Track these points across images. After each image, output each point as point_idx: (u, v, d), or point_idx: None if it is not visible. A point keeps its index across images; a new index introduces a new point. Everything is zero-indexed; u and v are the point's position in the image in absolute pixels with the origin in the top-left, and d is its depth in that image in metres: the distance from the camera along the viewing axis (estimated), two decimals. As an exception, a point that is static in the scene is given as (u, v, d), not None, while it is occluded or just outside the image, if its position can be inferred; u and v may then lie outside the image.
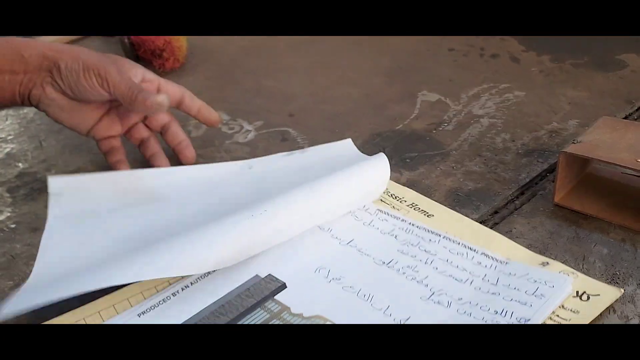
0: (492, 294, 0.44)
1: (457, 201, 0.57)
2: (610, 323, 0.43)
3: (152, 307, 0.45)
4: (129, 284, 0.46)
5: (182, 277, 0.47)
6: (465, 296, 0.45)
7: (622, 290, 0.44)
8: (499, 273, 0.46)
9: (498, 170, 0.62)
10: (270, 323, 0.43)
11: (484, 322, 0.42)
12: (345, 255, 0.50)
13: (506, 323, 0.41)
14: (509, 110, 0.73)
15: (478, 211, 0.56)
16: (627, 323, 0.42)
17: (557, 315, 0.42)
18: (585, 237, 0.52)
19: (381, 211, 0.55)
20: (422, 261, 0.49)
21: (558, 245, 0.51)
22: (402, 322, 0.43)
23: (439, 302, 0.44)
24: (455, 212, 0.55)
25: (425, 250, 0.50)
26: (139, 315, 0.44)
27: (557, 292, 0.44)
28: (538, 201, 0.57)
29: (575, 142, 0.55)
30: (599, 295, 0.44)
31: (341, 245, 0.51)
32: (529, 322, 0.41)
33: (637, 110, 0.73)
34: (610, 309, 0.44)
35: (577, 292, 0.44)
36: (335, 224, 0.53)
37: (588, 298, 0.44)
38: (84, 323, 0.43)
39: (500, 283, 0.45)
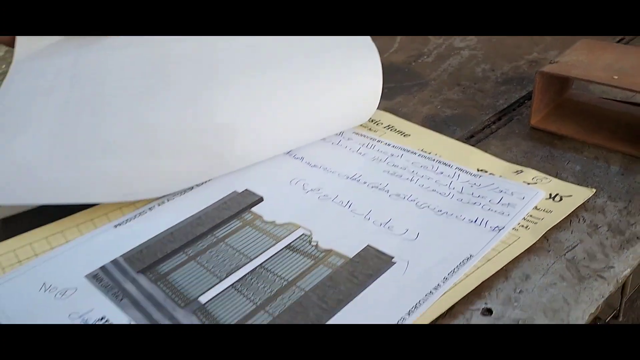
0: (467, 203, 0.45)
1: (434, 127, 0.58)
2: (580, 230, 0.44)
3: (129, 220, 0.46)
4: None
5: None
6: (442, 206, 0.45)
7: (594, 190, 0.45)
8: (474, 186, 0.47)
9: (476, 98, 0.62)
10: (241, 230, 0.44)
11: (459, 230, 0.43)
12: (319, 172, 0.51)
13: (480, 232, 0.42)
14: (490, 43, 0.73)
15: (454, 135, 0.56)
16: (596, 231, 0.43)
17: (531, 216, 0.43)
18: (559, 155, 0.53)
19: (356, 133, 0.56)
20: (396, 175, 0.49)
21: (531, 164, 0.52)
22: (382, 225, 0.44)
23: (417, 207, 0.45)
24: (431, 131, 0.55)
25: (395, 165, 0.50)
26: (115, 226, 0.45)
27: (529, 201, 0.44)
28: (514, 125, 0.58)
29: (552, 62, 0.55)
30: (571, 196, 0.45)
31: (312, 167, 0.52)
32: (501, 231, 0.42)
33: (619, 41, 0.73)
34: (581, 218, 0.45)
35: (550, 194, 0.45)
36: (305, 151, 0.54)
37: (561, 199, 0.45)
38: (63, 237, 0.44)
39: (475, 195, 0.46)
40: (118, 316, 0.37)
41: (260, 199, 0.48)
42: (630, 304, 0.56)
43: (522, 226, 0.42)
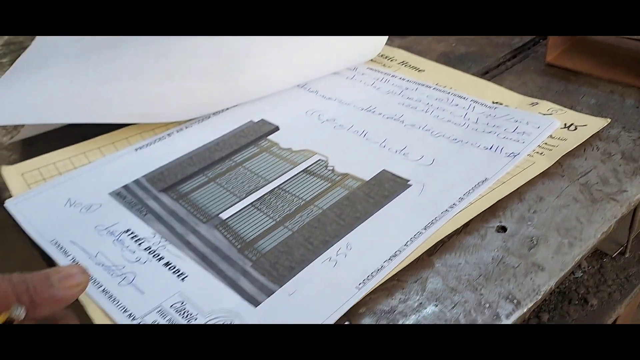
0: (482, 132, 0.46)
1: (448, 63, 0.58)
2: (594, 157, 0.44)
3: (149, 144, 0.46)
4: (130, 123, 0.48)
5: (178, 122, 0.49)
6: (457, 135, 0.46)
7: (609, 120, 0.46)
8: (489, 117, 0.48)
9: (491, 36, 0.62)
10: (259, 156, 0.45)
11: (474, 156, 0.43)
12: (334, 104, 0.51)
13: (496, 157, 0.43)
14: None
15: (469, 71, 0.56)
16: (610, 159, 0.44)
17: (545, 143, 0.44)
18: (574, 90, 0.53)
19: (370, 69, 0.56)
20: (411, 107, 0.50)
21: (546, 98, 0.52)
22: (398, 152, 0.44)
23: (432, 136, 0.46)
24: (445, 66, 0.56)
25: (409, 98, 0.51)
26: (136, 149, 0.46)
27: (544, 129, 0.45)
28: (530, 62, 0.58)
29: (569, -2, 0.55)
30: (586, 125, 0.45)
31: (326, 99, 0.52)
32: (517, 157, 0.42)
33: None
34: (595, 147, 0.45)
35: (565, 124, 0.45)
36: (319, 84, 0.54)
37: (576, 128, 0.45)
38: (85, 158, 0.45)
39: (490, 125, 0.46)
40: (143, 229, 0.38)
41: (276, 128, 0.48)
42: (638, 241, 0.57)
43: (537, 152, 0.43)
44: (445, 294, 0.35)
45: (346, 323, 0.32)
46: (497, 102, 0.50)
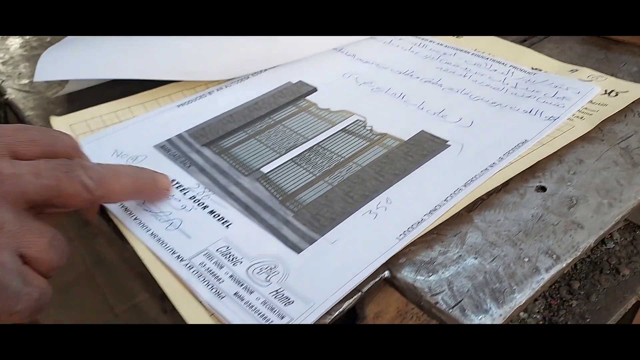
0: (521, 96, 0.46)
1: (487, 30, 0.58)
2: (635, 122, 0.44)
3: (191, 101, 0.47)
4: (171, 81, 0.49)
5: (218, 82, 0.50)
6: (496, 99, 0.46)
7: (652, 86, 0.46)
8: (528, 82, 0.47)
9: (531, 5, 0.61)
10: (297, 115, 0.46)
11: (514, 119, 0.43)
12: (371, 67, 0.52)
13: (535, 121, 0.43)
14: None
15: (506, 39, 0.56)
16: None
17: (586, 108, 0.44)
18: (615, 58, 0.52)
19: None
20: (449, 71, 0.50)
21: (586, 65, 0.52)
22: (436, 114, 0.45)
23: (470, 99, 0.46)
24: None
25: (447, 63, 0.51)
26: (178, 106, 0.47)
27: (584, 95, 0.45)
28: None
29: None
30: (627, 91, 0.45)
31: (363, 62, 0.53)
32: (556, 120, 0.42)
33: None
34: (636, 112, 0.45)
35: (606, 90, 0.45)
36: (356, 48, 0.54)
37: (617, 94, 0.45)
38: (130, 112, 0.46)
39: (530, 90, 0.46)
40: (187, 180, 0.39)
41: (314, 89, 0.49)
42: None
43: (577, 117, 0.43)
44: (484, 247, 0.36)
45: (386, 273, 0.33)
46: (536, 68, 0.49)
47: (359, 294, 0.32)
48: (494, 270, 0.34)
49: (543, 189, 0.39)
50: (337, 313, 0.31)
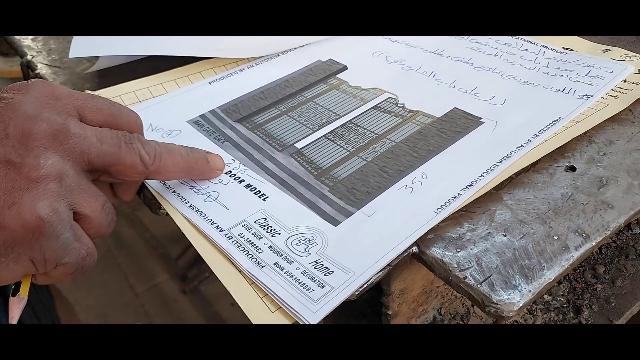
0: (554, 75, 0.45)
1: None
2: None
3: (222, 78, 0.48)
4: (200, 58, 0.49)
5: (248, 59, 0.50)
6: (528, 78, 0.46)
7: (684, 69, 0.45)
8: (560, 61, 0.47)
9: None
10: (329, 93, 0.46)
11: (546, 97, 0.43)
12: (401, 46, 0.52)
13: (569, 99, 0.42)
14: None
15: (537, 19, 0.56)
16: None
17: (619, 87, 0.43)
18: (646, 40, 0.52)
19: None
20: (479, 50, 0.50)
21: (617, 47, 0.51)
22: (468, 92, 0.45)
23: (502, 78, 0.46)
24: (514, 13, 0.55)
25: (478, 42, 0.51)
26: (210, 83, 0.47)
27: (617, 74, 0.44)
28: (599, 12, 0.57)
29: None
30: (660, 71, 0.45)
31: (393, 42, 0.52)
32: (590, 99, 0.42)
33: None
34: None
35: (639, 70, 0.45)
36: None
37: (649, 74, 0.45)
38: (162, 88, 0.47)
39: (562, 69, 0.46)
40: (222, 155, 0.39)
41: (345, 67, 0.49)
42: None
43: (611, 95, 0.43)
44: (513, 225, 0.36)
45: (414, 248, 0.33)
46: (567, 48, 0.49)
47: (389, 267, 0.33)
48: (523, 247, 0.34)
49: (573, 168, 0.39)
50: (365, 285, 0.31)
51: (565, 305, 0.55)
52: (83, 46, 0.47)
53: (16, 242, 0.27)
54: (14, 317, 0.29)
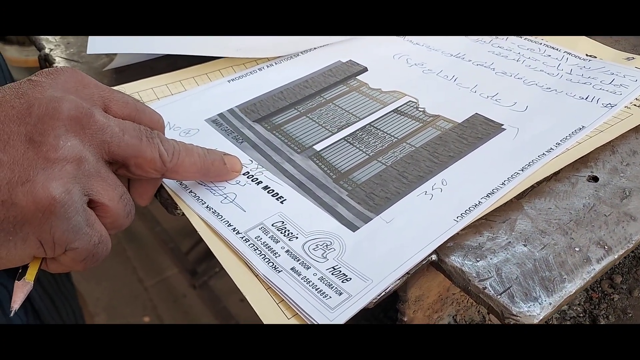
0: (577, 83, 0.45)
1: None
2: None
3: (241, 77, 0.47)
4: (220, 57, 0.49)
5: (267, 58, 0.50)
6: (551, 84, 0.45)
7: None
8: (583, 69, 0.46)
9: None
10: (348, 95, 0.46)
11: (570, 105, 0.42)
12: (422, 49, 0.51)
13: (592, 107, 0.42)
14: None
15: (559, 24, 0.55)
16: None
17: (643, 97, 0.43)
18: (671, 49, 0.51)
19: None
20: (501, 55, 0.49)
21: (641, 55, 0.51)
22: (490, 98, 0.44)
23: (524, 84, 0.45)
24: (537, 17, 0.54)
25: (499, 47, 0.50)
26: (229, 81, 0.47)
27: None
28: (623, 18, 0.56)
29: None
30: (684, 82, 0.44)
31: (414, 44, 0.52)
32: (614, 108, 0.41)
33: None
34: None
35: (662, 80, 0.44)
36: None
37: (674, 84, 0.44)
38: (181, 85, 0.46)
39: (585, 76, 0.45)
40: (240, 156, 0.39)
41: (365, 69, 0.49)
42: None
43: (635, 105, 0.42)
44: (534, 235, 0.35)
45: (433, 256, 0.33)
46: (590, 55, 0.48)
47: (407, 275, 0.32)
48: (544, 258, 0.34)
49: (595, 179, 0.38)
50: (383, 294, 0.31)
51: (581, 315, 0.54)
52: (101, 42, 0.47)
53: (26, 220, 0.27)
54: (16, 301, 0.29)
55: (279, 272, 0.31)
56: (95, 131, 0.29)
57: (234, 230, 0.33)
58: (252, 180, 0.37)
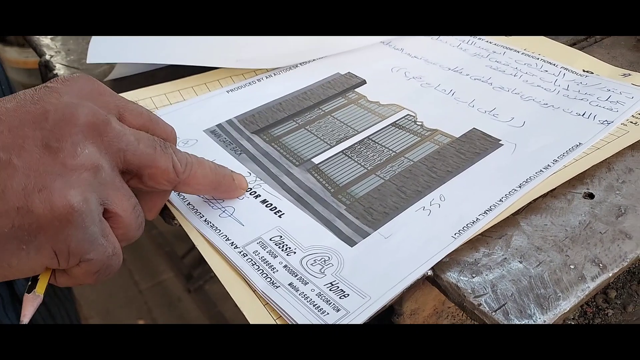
0: (574, 99, 0.45)
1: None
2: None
3: (240, 87, 0.48)
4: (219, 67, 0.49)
5: (267, 69, 0.50)
6: (548, 100, 0.45)
7: None
8: (580, 84, 0.47)
9: (581, 5, 0.60)
10: (347, 107, 0.46)
11: (566, 121, 0.43)
12: (420, 62, 0.51)
13: (589, 124, 0.42)
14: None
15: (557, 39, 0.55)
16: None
17: (639, 114, 0.43)
18: (668, 65, 0.52)
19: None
20: (499, 70, 0.49)
21: (638, 72, 0.51)
22: (487, 113, 0.44)
23: (522, 99, 0.46)
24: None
25: (497, 62, 0.50)
26: (227, 92, 0.47)
27: (638, 100, 0.44)
28: (620, 36, 0.56)
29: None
30: (680, 99, 0.44)
31: (412, 57, 0.52)
32: (610, 125, 0.42)
33: None
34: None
35: (659, 97, 0.45)
36: (404, 42, 0.54)
37: (669, 101, 0.44)
38: (180, 95, 0.46)
39: (582, 92, 0.46)
40: (238, 168, 0.39)
41: (363, 82, 0.49)
42: None
43: (631, 122, 0.42)
44: (530, 251, 0.35)
45: (429, 272, 0.33)
46: (587, 71, 0.49)
47: (403, 289, 0.32)
48: (539, 276, 0.34)
49: (591, 195, 0.39)
50: (380, 307, 0.31)
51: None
52: (100, 52, 0.47)
53: (41, 229, 0.26)
54: (26, 315, 0.28)
55: (277, 287, 0.31)
56: (111, 138, 0.29)
57: (232, 245, 0.33)
58: (250, 194, 0.37)
